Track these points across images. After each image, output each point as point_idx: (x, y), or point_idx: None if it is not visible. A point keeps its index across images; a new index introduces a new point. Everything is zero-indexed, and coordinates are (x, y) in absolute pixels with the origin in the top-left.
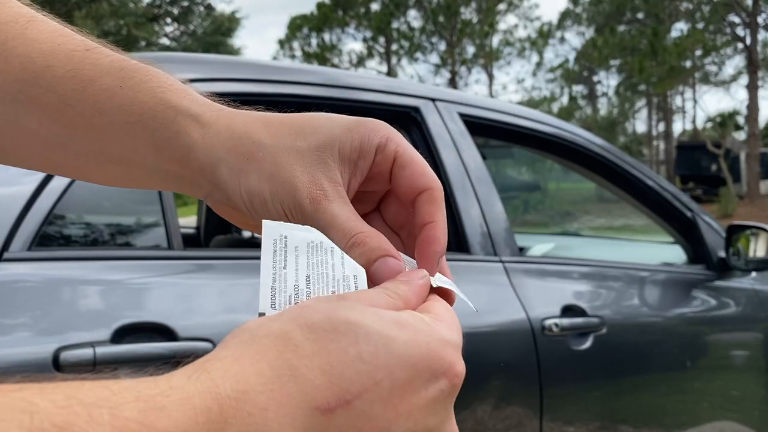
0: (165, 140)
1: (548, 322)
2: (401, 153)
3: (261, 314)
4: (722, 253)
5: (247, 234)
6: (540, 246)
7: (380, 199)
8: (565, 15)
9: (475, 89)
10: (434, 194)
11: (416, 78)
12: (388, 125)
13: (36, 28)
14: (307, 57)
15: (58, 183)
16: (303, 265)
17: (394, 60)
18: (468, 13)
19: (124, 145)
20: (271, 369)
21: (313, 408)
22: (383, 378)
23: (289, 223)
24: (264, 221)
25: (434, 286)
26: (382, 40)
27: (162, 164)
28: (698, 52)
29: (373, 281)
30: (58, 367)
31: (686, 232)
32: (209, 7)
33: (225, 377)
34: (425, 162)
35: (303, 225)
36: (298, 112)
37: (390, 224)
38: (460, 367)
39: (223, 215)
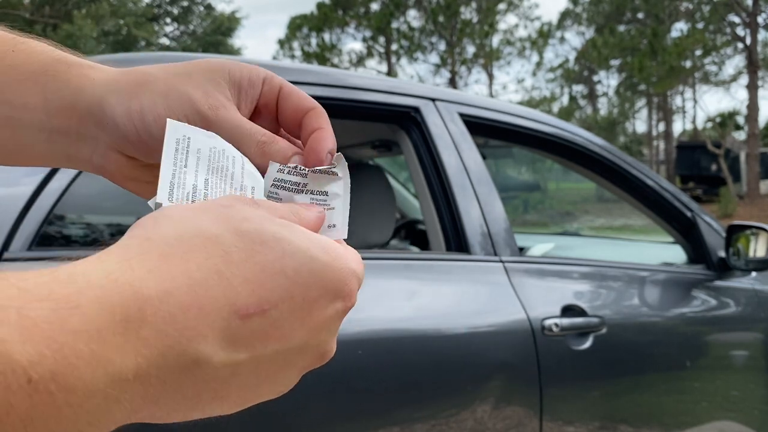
0: (55, 91)
1: (548, 322)
2: (285, 85)
3: (158, 204)
4: (722, 253)
5: None
6: (540, 246)
7: None
8: (565, 15)
9: (475, 89)
10: (319, 111)
11: (416, 78)
12: None
13: None
14: (307, 57)
15: (58, 183)
16: (203, 167)
17: (393, 60)
18: (468, 13)
19: (13, 103)
20: (200, 271)
21: (233, 312)
22: (298, 294)
23: (193, 126)
24: (168, 120)
25: (338, 238)
26: (382, 40)
27: (50, 119)
28: (698, 52)
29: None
30: None
31: (686, 232)
32: (209, 7)
33: (150, 275)
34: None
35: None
36: None
37: None
38: (355, 296)
39: (114, 176)
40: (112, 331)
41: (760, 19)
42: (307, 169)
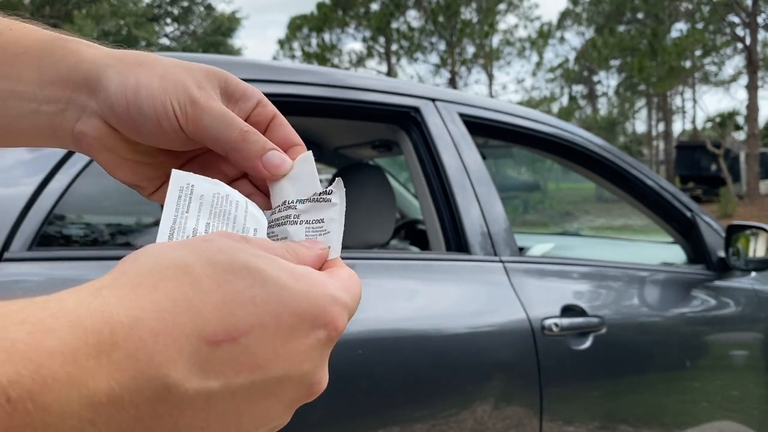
0: (51, 64)
1: (548, 322)
2: (279, 115)
3: None
4: (722, 253)
5: None
6: (540, 246)
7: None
8: (565, 15)
9: (475, 89)
10: (304, 149)
11: (416, 78)
12: None
13: None
14: (307, 57)
15: (59, 183)
16: (205, 212)
17: (393, 60)
18: (468, 13)
19: (8, 77)
20: (168, 299)
21: (201, 338)
22: (270, 321)
23: (197, 175)
24: (173, 170)
25: (333, 257)
26: (382, 40)
27: (42, 90)
28: (698, 52)
29: (263, 171)
30: None
31: (686, 232)
32: (209, 7)
33: (120, 303)
34: None
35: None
36: (298, 112)
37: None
38: (341, 323)
39: (91, 144)
40: (85, 354)
41: (760, 19)
42: (296, 201)
